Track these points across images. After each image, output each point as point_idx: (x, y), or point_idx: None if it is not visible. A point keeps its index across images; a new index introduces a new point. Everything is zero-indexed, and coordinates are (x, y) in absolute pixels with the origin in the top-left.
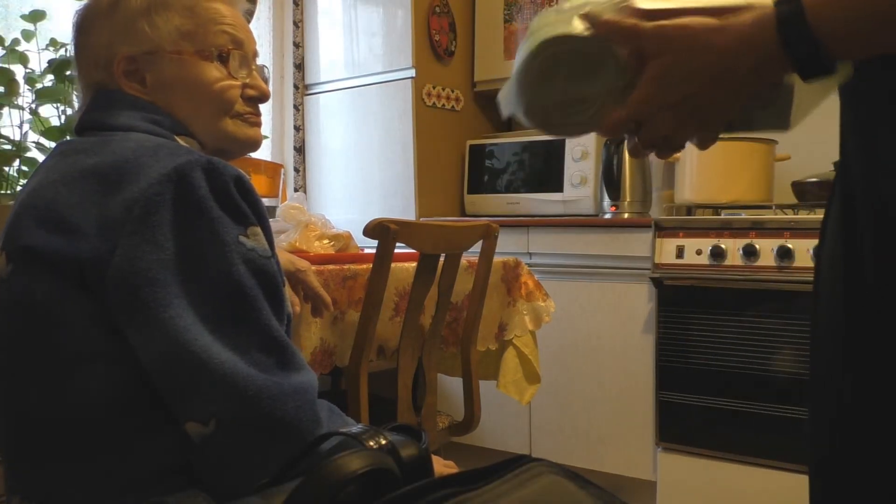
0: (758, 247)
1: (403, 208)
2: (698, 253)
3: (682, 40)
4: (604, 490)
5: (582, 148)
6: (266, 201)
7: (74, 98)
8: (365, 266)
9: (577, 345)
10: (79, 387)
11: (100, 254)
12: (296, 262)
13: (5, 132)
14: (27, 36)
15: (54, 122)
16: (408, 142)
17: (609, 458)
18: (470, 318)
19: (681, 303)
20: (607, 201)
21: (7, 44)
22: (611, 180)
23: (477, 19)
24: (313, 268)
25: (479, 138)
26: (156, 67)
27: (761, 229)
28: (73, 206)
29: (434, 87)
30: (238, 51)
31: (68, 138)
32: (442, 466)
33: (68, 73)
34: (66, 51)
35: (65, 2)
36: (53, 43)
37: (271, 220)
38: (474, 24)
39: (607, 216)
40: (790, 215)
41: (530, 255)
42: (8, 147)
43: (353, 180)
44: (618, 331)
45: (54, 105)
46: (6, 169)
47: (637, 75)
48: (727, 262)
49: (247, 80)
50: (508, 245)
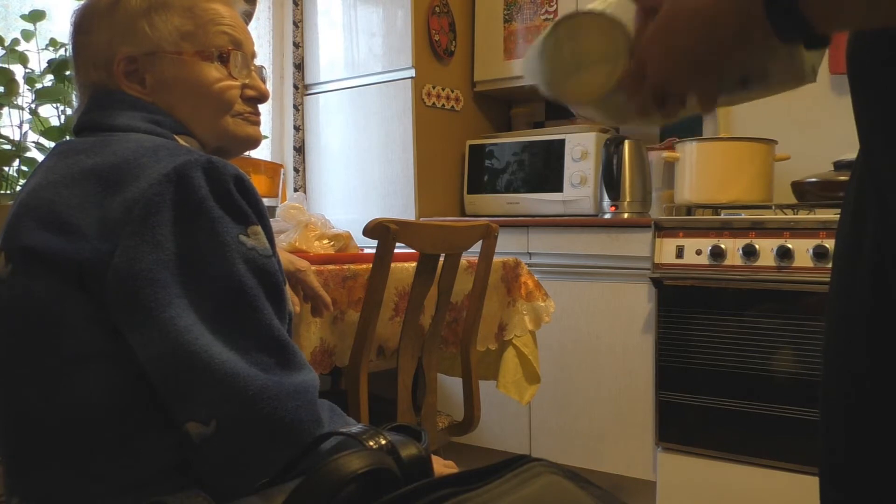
0: (757, 247)
1: (403, 208)
2: (698, 253)
3: None
4: (604, 490)
5: (582, 148)
6: (266, 201)
7: (74, 98)
8: (365, 266)
9: (577, 345)
10: (78, 387)
11: (100, 254)
12: (296, 262)
13: (5, 132)
14: (27, 36)
15: (54, 122)
16: (408, 142)
17: (609, 458)
18: (470, 318)
19: (681, 303)
20: (607, 201)
21: (7, 44)
22: (611, 180)
23: (477, 19)
24: (313, 268)
25: (478, 138)
26: (156, 68)
27: (761, 229)
28: (73, 206)
29: (434, 87)
30: (238, 51)
31: (67, 138)
32: (442, 466)
33: (68, 73)
34: (65, 51)
35: (65, 2)
36: (53, 43)
37: (271, 220)
38: (474, 24)
39: (607, 216)
40: (790, 215)
41: (530, 255)
42: (8, 147)
43: (352, 180)
44: (618, 331)
45: (54, 105)
46: (6, 169)
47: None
48: (727, 262)
49: (246, 81)
50: (508, 245)
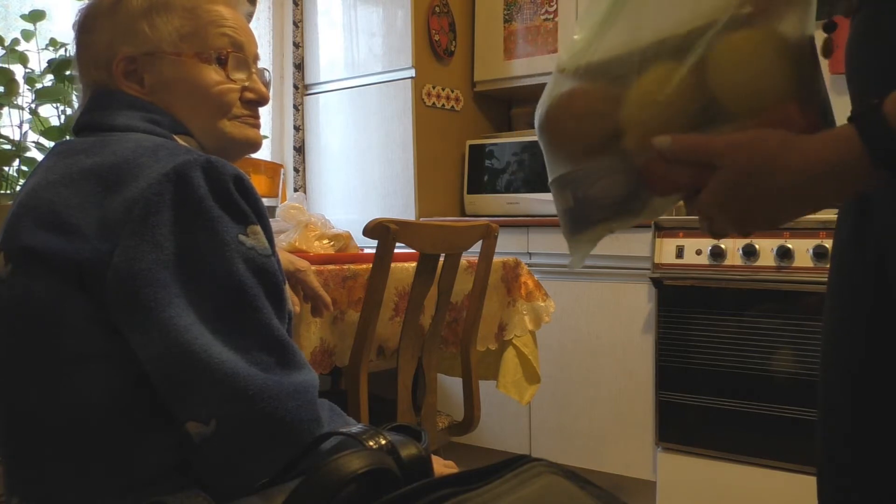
0: (757, 247)
1: (403, 208)
2: (698, 253)
3: (756, 157)
4: (603, 490)
5: None
6: (266, 201)
7: (74, 98)
8: (365, 266)
9: (577, 345)
10: (78, 387)
11: (99, 254)
12: (296, 261)
13: (5, 132)
14: (27, 36)
15: (54, 121)
16: (407, 142)
17: (609, 458)
18: (470, 318)
19: (681, 303)
20: None
21: (7, 44)
22: None
23: (477, 19)
24: (313, 268)
25: (478, 138)
26: (155, 68)
27: None
28: (73, 206)
29: (434, 87)
30: (238, 54)
31: (67, 138)
32: (442, 466)
33: (68, 72)
34: (65, 51)
35: (65, 2)
36: (53, 43)
37: (271, 220)
38: (474, 24)
39: None
40: None
41: (530, 255)
42: (8, 147)
43: (352, 180)
44: (618, 331)
45: (54, 105)
46: (6, 169)
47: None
48: (727, 262)
49: (246, 83)
50: (508, 245)
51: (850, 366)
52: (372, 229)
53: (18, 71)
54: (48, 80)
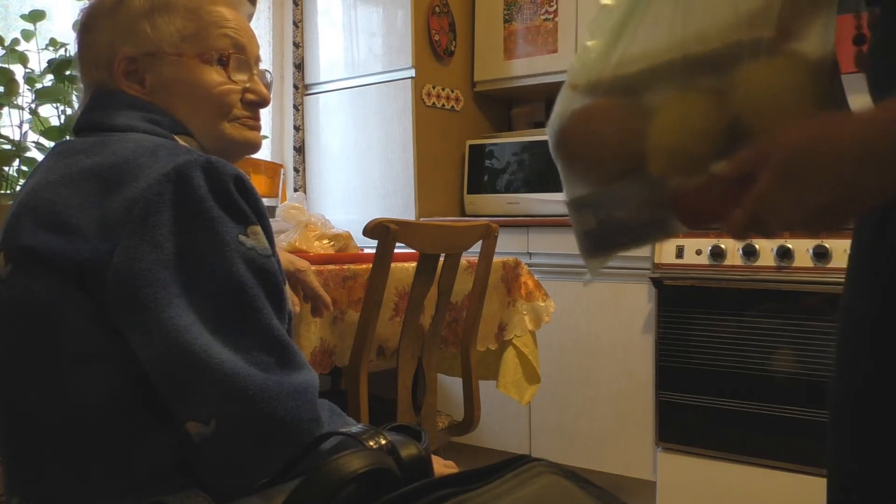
0: (757, 247)
1: (403, 208)
2: (698, 253)
3: (808, 129)
4: (603, 490)
5: None
6: (266, 201)
7: (74, 98)
8: (365, 266)
9: (577, 345)
10: (79, 387)
11: (99, 254)
12: (296, 262)
13: (5, 132)
14: (27, 36)
15: (54, 121)
16: (407, 142)
17: (609, 458)
18: (470, 318)
19: (681, 303)
20: None
21: (7, 44)
22: None
23: (477, 19)
24: (313, 268)
25: (478, 138)
26: (155, 68)
27: None
28: (73, 206)
29: (434, 87)
30: (239, 55)
31: (67, 138)
32: (442, 466)
33: (68, 72)
34: (65, 51)
35: (65, 2)
36: (53, 43)
37: (271, 220)
38: (474, 24)
39: None
40: None
41: (530, 255)
42: (8, 147)
43: (352, 180)
44: (618, 331)
45: (54, 105)
46: (6, 169)
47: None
48: (727, 262)
49: (247, 85)
50: (508, 245)
51: (854, 372)
52: (372, 229)
53: (18, 71)
54: (48, 80)
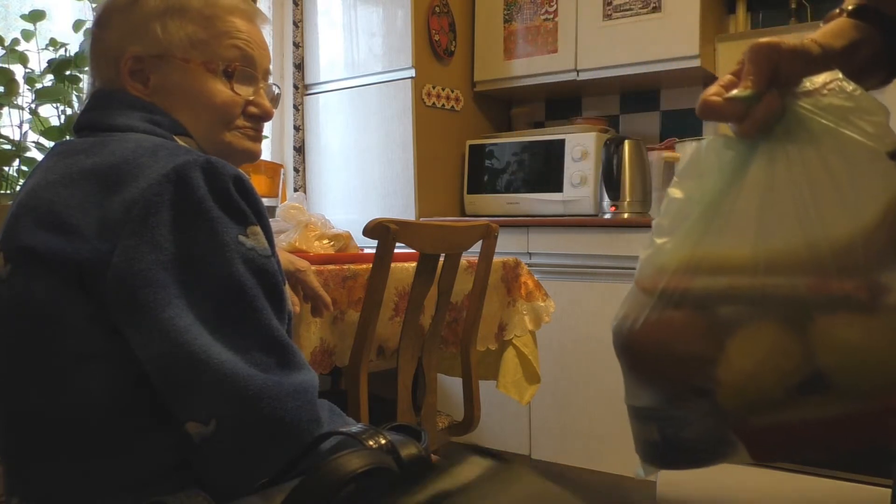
0: None
1: (403, 208)
2: None
3: None
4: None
5: (582, 148)
6: (266, 201)
7: (74, 98)
8: (365, 266)
9: (577, 345)
10: (78, 387)
11: (99, 255)
12: (296, 262)
13: (5, 132)
14: (27, 36)
15: (54, 121)
16: (407, 142)
17: (609, 458)
18: (470, 318)
19: None
20: (607, 201)
21: (7, 44)
22: (610, 180)
23: (477, 19)
24: (313, 268)
25: (478, 138)
26: (161, 71)
27: None
28: (73, 207)
29: (434, 87)
30: (246, 67)
31: (67, 138)
32: None
33: (68, 72)
34: (65, 51)
35: (65, 2)
36: (53, 43)
37: (271, 220)
38: (474, 24)
39: (607, 216)
40: None
41: (530, 255)
42: (8, 147)
43: (352, 180)
44: None
45: (54, 105)
46: (6, 169)
47: None
48: None
49: (251, 98)
50: (508, 245)
51: None
52: (372, 229)
53: (18, 71)
54: (48, 80)
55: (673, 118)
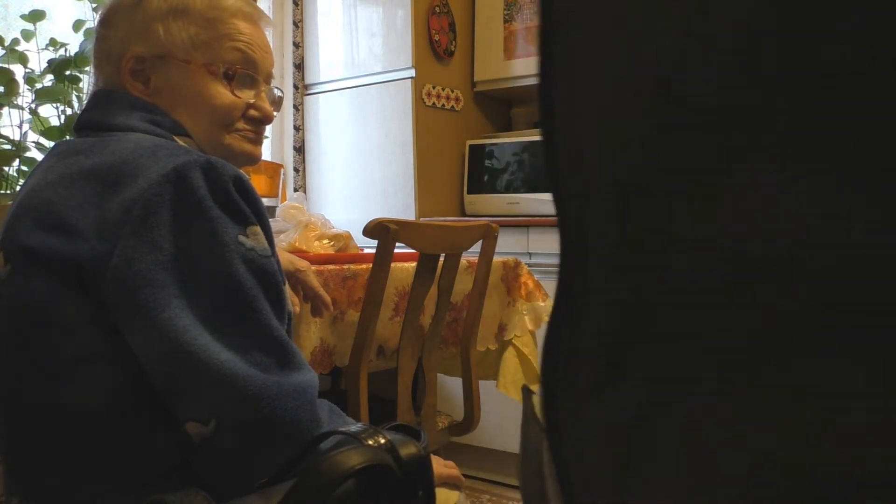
0: None
1: (403, 208)
2: None
3: None
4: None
5: None
6: (266, 201)
7: (74, 98)
8: (365, 266)
9: None
10: (79, 387)
11: (99, 255)
12: (295, 262)
13: (5, 132)
14: (27, 36)
15: (54, 121)
16: (407, 142)
17: None
18: (470, 319)
19: None
20: None
21: (7, 44)
22: None
23: (477, 19)
24: (313, 268)
25: (478, 138)
26: (162, 71)
27: None
28: (72, 207)
29: (434, 87)
30: (247, 70)
31: (67, 138)
32: (442, 467)
33: (68, 73)
34: (65, 51)
35: (65, 2)
36: (53, 43)
37: (271, 220)
38: (474, 24)
39: None
40: None
41: (530, 255)
42: (8, 147)
43: (353, 180)
44: None
45: (54, 105)
46: (6, 169)
47: None
48: None
49: (251, 101)
50: (508, 245)
51: None
52: (372, 229)
53: (18, 71)
54: (48, 80)
55: None
